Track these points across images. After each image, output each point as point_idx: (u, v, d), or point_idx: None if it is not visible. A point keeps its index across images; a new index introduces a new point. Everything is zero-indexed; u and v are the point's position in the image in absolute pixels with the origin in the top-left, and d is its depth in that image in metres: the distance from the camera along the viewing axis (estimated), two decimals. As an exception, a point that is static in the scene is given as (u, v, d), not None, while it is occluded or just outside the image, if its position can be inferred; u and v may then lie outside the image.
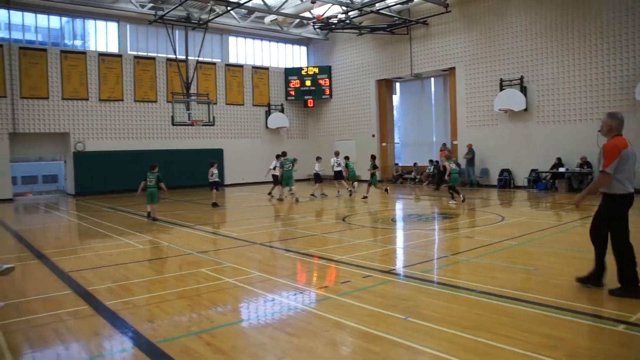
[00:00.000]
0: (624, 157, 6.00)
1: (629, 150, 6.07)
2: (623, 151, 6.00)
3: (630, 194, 6.11)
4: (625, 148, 6.04)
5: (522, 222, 12.39)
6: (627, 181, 6.07)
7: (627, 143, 6.11)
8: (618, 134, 6.19)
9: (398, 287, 6.80)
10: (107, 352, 4.77)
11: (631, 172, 6.11)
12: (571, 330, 4.96)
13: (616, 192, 6.08)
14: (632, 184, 6.12)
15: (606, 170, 6.00)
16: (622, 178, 6.04)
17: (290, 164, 19.47)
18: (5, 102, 22.66)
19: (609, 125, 6.24)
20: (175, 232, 12.43)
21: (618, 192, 6.07)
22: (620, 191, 6.06)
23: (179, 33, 25.76)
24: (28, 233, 13.04)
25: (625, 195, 6.08)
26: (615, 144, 6.05)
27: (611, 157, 5.99)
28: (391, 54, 27.37)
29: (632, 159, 6.12)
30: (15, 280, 7.46)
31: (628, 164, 6.05)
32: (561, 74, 20.42)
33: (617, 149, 6.01)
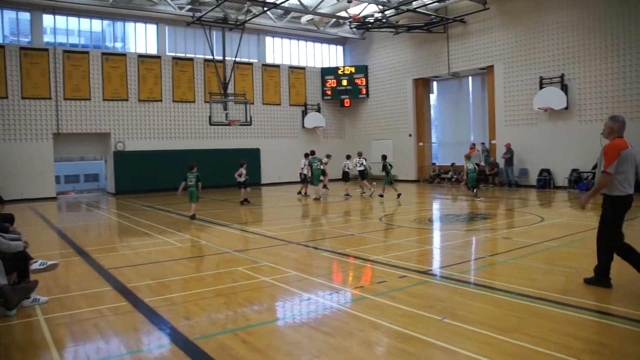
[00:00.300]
0: (623, 158, 6.10)
1: (628, 152, 6.16)
2: (623, 152, 6.11)
3: (629, 195, 6.21)
4: (625, 149, 6.14)
5: (563, 223, 12.11)
6: (626, 183, 6.17)
7: (628, 145, 6.21)
8: (619, 136, 6.30)
9: (434, 287, 6.73)
10: (146, 348, 4.85)
11: (631, 174, 6.20)
12: (616, 335, 4.81)
13: (615, 194, 6.19)
14: (632, 186, 6.23)
15: (607, 170, 6.11)
16: (621, 179, 6.15)
17: (318, 162, 19.57)
18: (50, 104, 23.35)
19: (610, 128, 6.37)
20: (213, 230, 12.57)
21: (617, 194, 6.18)
22: (619, 193, 6.17)
23: (216, 34, 26.07)
24: (70, 230, 13.38)
25: (625, 197, 6.19)
26: (615, 146, 6.17)
27: (611, 158, 6.10)
28: (428, 53, 27.12)
29: (632, 161, 6.19)
30: (58, 276, 7.67)
31: (627, 165, 6.15)
32: (604, 71, 19.88)
33: (617, 150, 6.12)
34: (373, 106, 30.89)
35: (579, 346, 4.49)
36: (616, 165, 6.10)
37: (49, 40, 23.94)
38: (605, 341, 4.62)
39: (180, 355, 4.63)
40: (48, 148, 23.42)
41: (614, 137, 6.33)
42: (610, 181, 6.15)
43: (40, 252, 9.41)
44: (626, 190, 6.18)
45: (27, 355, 4.74)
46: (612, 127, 6.35)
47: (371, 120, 31.03)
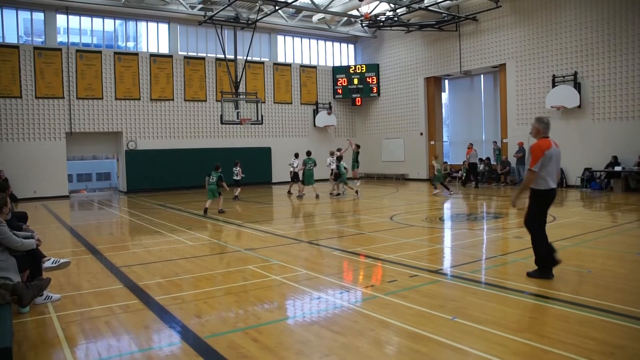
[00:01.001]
0: (547, 156, 6.70)
1: (552, 151, 6.77)
2: (547, 151, 6.71)
3: (553, 189, 6.84)
4: (549, 149, 6.75)
5: (575, 222, 12.00)
6: (549, 178, 6.77)
7: (552, 144, 6.83)
8: (545, 136, 6.92)
9: (445, 287, 6.70)
10: (156, 346, 4.87)
11: (554, 170, 6.84)
12: (630, 337, 4.74)
13: (540, 188, 6.78)
14: (555, 181, 6.86)
15: (532, 168, 6.69)
16: (545, 175, 6.74)
17: (312, 163, 19.75)
18: (63, 103, 23.54)
19: (536, 129, 7.00)
20: (224, 229, 12.61)
21: (542, 188, 6.77)
22: (543, 187, 6.77)
23: (227, 33, 26.15)
24: (82, 229, 13.48)
25: (549, 190, 6.80)
26: (540, 145, 6.78)
27: (537, 157, 6.69)
28: (440, 51, 27.01)
29: (555, 159, 6.85)
30: (70, 274, 7.73)
31: (551, 163, 6.76)
32: (618, 69, 19.69)
33: (541, 149, 6.71)
34: (384, 105, 30.82)
35: (592, 347, 4.44)
36: (541, 162, 6.67)
37: (62, 40, 24.14)
38: (619, 342, 4.56)
39: (190, 353, 4.64)
40: (61, 147, 23.62)
41: (540, 137, 6.93)
42: (536, 178, 6.72)
43: (52, 250, 9.49)
44: (549, 185, 6.77)
45: (40, 352, 4.77)
46: (539, 128, 6.96)
47: (382, 119, 30.97)
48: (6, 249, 5.77)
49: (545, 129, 6.96)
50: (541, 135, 6.96)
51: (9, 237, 5.76)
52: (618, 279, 6.74)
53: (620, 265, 7.62)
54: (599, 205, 15.91)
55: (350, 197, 19.31)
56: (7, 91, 22.29)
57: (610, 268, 7.37)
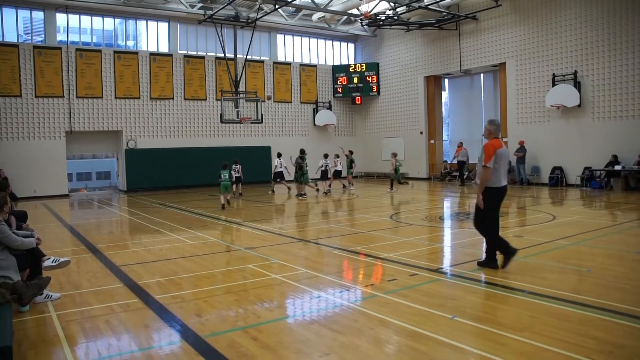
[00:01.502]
0: (498, 155, 7.21)
1: (502, 151, 7.30)
2: (498, 150, 7.22)
3: (504, 186, 7.38)
4: (500, 148, 7.26)
5: (575, 221, 12.00)
6: (500, 176, 7.29)
7: (502, 144, 7.37)
8: (496, 137, 7.46)
9: (445, 286, 6.70)
10: (156, 344, 4.87)
11: (504, 169, 7.38)
12: (631, 336, 4.74)
13: (493, 185, 7.26)
14: (505, 179, 7.42)
15: (487, 165, 7.20)
16: (497, 174, 7.26)
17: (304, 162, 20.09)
18: (63, 102, 23.53)
19: (488, 130, 7.54)
20: (223, 228, 12.61)
21: (494, 185, 7.26)
22: (495, 184, 7.26)
23: (227, 32, 26.16)
24: (82, 228, 13.48)
25: (500, 187, 7.32)
26: (493, 144, 7.27)
27: (490, 155, 7.19)
28: (440, 50, 27.01)
29: (505, 158, 7.38)
30: (70, 273, 7.73)
31: (502, 161, 7.29)
32: (618, 67, 19.69)
33: (493, 148, 7.21)
34: (384, 104, 30.82)
35: (592, 346, 4.44)
36: (494, 160, 7.18)
37: (62, 39, 24.12)
38: (619, 341, 4.57)
39: (190, 352, 4.64)
40: (61, 146, 23.61)
41: (492, 138, 7.44)
42: (491, 174, 7.22)
43: (52, 249, 9.49)
44: (501, 182, 7.31)
45: (40, 351, 4.78)
46: (490, 129, 7.50)
47: (382, 117, 30.96)
48: (6, 248, 5.76)
49: (497, 130, 7.53)
50: (493, 136, 7.48)
51: (9, 235, 5.76)
52: (618, 278, 6.74)
53: (620, 264, 7.63)
54: (598, 204, 15.91)
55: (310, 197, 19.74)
56: (7, 90, 22.28)
57: (610, 267, 7.37)
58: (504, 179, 7.37)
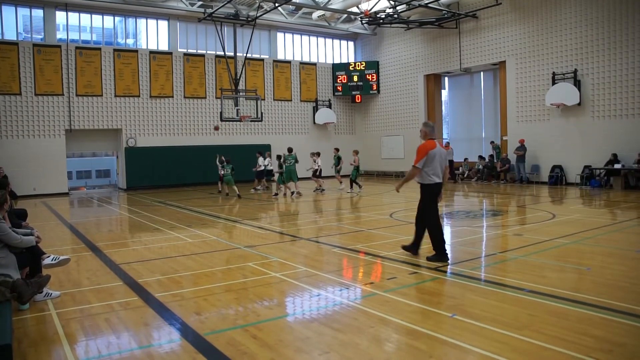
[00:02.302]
0: (430, 156, 7.75)
1: (435, 151, 7.79)
2: (430, 151, 7.75)
3: (437, 183, 7.88)
4: (433, 149, 7.77)
5: (574, 220, 12.00)
6: (434, 174, 7.82)
7: (436, 145, 7.86)
8: (430, 138, 7.96)
9: (445, 284, 6.70)
10: (156, 343, 4.87)
11: (437, 168, 7.83)
12: (630, 334, 4.73)
13: (426, 183, 7.88)
14: (439, 177, 7.89)
15: (416, 165, 7.82)
16: (429, 172, 7.80)
17: (293, 160, 19.94)
18: (63, 100, 23.52)
19: (424, 132, 8.08)
20: (223, 226, 12.61)
21: (428, 183, 7.86)
22: (428, 182, 7.85)
23: (227, 30, 26.17)
24: (82, 226, 13.48)
25: (434, 184, 7.87)
26: (425, 146, 7.82)
27: (421, 156, 7.77)
28: (440, 48, 26.99)
29: (439, 158, 7.85)
30: (70, 271, 7.73)
31: (435, 161, 7.78)
32: (618, 66, 19.68)
33: (425, 149, 7.76)
34: (384, 102, 30.81)
35: (591, 344, 4.44)
36: (424, 161, 7.75)
37: (61, 37, 24.10)
38: (618, 340, 4.57)
39: (190, 350, 4.64)
40: (60, 144, 23.60)
41: (427, 139, 7.95)
42: (418, 173, 7.85)
43: (52, 247, 9.49)
44: (434, 180, 7.83)
45: (40, 349, 4.78)
46: (426, 131, 8.05)
47: (382, 116, 30.96)
48: (6, 246, 5.77)
49: (431, 132, 8.04)
50: (428, 137, 7.99)
51: (9, 234, 5.76)
52: (618, 276, 6.74)
53: (619, 262, 7.63)
54: (598, 203, 15.92)
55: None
56: (7, 88, 22.26)
57: (610, 265, 7.37)
58: (438, 177, 7.88)
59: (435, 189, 7.90)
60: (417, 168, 7.79)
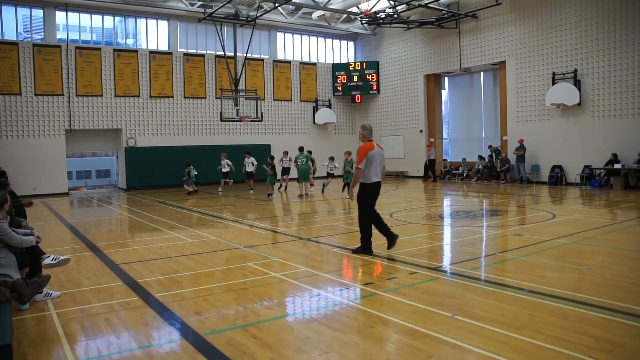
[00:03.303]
0: (369, 157, 8.23)
1: (374, 152, 8.28)
2: (369, 153, 8.24)
3: (376, 182, 8.37)
4: (372, 150, 8.26)
5: (574, 220, 12.01)
6: (373, 174, 8.31)
7: (374, 146, 8.34)
8: (369, 140, 8.46)
9: (445, 284, 6.70)
10: (156, 343, 4.87)
11: (376, 168, 8.34)
12: (630, 334, 4.73)
13: (365, 182, 8.33)
14: (377, 176, 8.40)
15: (359, 166, 8.21)
16: (369, 172, 8.28)
17: (304, 159, 19.74)
18: (63, 100, 23.53)
19: (362, 135, 8.55)
20: (223, 226, 12.61)
21: (366, 182, 8.32)
22: (368, 181, 8.31)
23: (227, 30, 26.17)
24: (82, 226, 13.48)
25: (373, 183, 8.34)
26: (364, 148, 8.28)
27: (361, 157, 8.21)
28: (440, 48, 26.99)
29: (378, 158, 8.36)
30: (70, 271, 7.73)
31: (374, 162, 8.29)
32: (618, 66, 19.68)
33: (365, 151, 8.23)
34: (384, 102, 30.81)
35: (591, 344, 4.44)
36: (365, 161, 8.16)
37: (61, 37, 24.10)
38: (618, 340, 4.56)
39: (190, 350, 4.64)
40: (60, 144, 23.60)
41: (366, 141, 8.40)
42: (362, 174, 8.25)
43: (52, 247, 9.50)
44: (372, 179, 8.29)
45: (40, 349, 4.78)
46: (364, 133, 8.50)
47: (382, 116, 30.96)
48: (6, 246, 5.77)
49: (369, 134, 8.50)
50: (366, 139, 8.45)
51: (9, 234, 5.76)
52: (617, 276, 6.74)
53: (619, 262, 7.62)
54: (598, 203, 15.92)
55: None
56: (7, 88, 22.27)
57: (610, 265, 7.37)
58: (377, 176, 8.35)
59: (374, 188, 8.40)
60: (361, 169, 8.23)
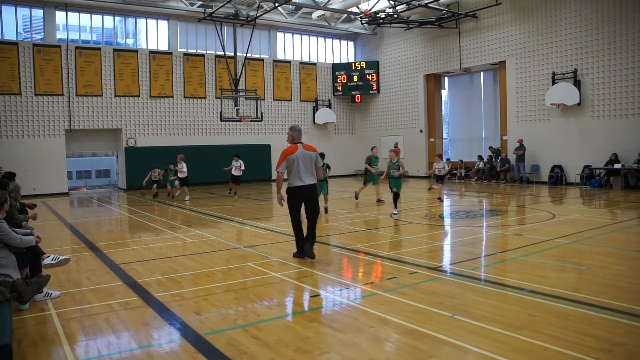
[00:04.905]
0: (289, 160, 7.94)
1: (294, 156, 7.94)
2: (289, 156, 7.93)
3: (299, 186, 7.99)
4: (292, 153, 7.94)
5: (574, 219, 12.01)
6: (295, 178, 7.98)
7: (297, 149, 7.99)
8: (295, 142, 8.12)
9: (445, 284, 6.70)
10: (156, 343, 4.87)
11: (300, 171, 7.95)
12: (630, 334, 4.73)
13: (290, 185, 8.07)
14: (301, 180, 7.98)
15: (277, 169, 8.03)
16: (291, 175, 7.99)
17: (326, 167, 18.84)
18: (63, 100, 23.53)
19: (290, 136, 8.25)
20: (223, 226, 12.61)
21: (291, 185, 8.06)
22: (292, 184, 8.03)
23: (227, 30, 26.16)
24: (82, 226, 13.48)
25: (294, 187, 8.02)
26: (286, 151, 8.01)
27: (280, 160, 7.99)
28: (440, 48, 26.99)
29: (302, 161, 7.97)
30: (70, 271, 7.73)
31: (295, 165, 7.93)
32: (618, 66, 19.68)
33: (285, 154, 7.97)
34: (384, 102, 30.81)
35: (591, 344, 4.44)
36: (285, 165, 7.93)
37: (61, 37, 24.10)
38: (618, 340, 4.56)
39: (190, 350, 4.64)
40: (60, 144, 23.61)
41: (292, 143, 8.12)
42: (281, 177, 8.06)
43: (52, 247, 9.50)
44: (296, 183, 7.98)
45: (39, 349, 4.78)
46: (292, 135, 8.21)
47: (382, 116, 30.96)
48: (6, 246, 5.76)
49: (297, 135, 8.20)
50: (295, 141, 8.16)
51: (9, 233, 5.76)
52: (617, 276, 6.74)
53: (619, 262, 7.62)
54: (598, 203, 15.92)
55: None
56: (7, 88, 22.27)
57: (610, 265, 7.37)
58: (300, 180, 7.97)
59: (298, 193, 8.05)
60: (279, 172, 8.04)
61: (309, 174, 8.07)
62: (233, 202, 18.39)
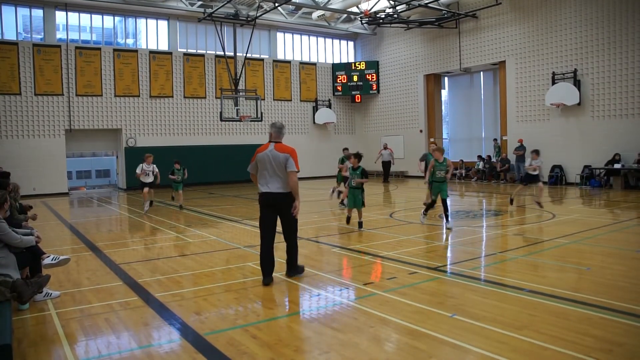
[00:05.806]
0: (259, 160, 6.71)
1: (262, 155, 6.68)
2: (258, 155, 6.72)
3: (262, 193, 6.74)
4: (260, 153, 6.71)
5: (574, 219, 12.00)
6: (261, 181, 6.77)
7: (267, 147, 6.71)
8: (271, 141, 6.83)
9: (445, 284, 6.70)
10: (156, 343, 4.87)
11: (265, 175, 6.69)
12: (630, 334, 4.73)
13: (259, 191, 6.84)
14: (267, 186, 6.68)
15: (248, 169, 6.93)
16: (259, 178, 6.81)
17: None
18: (62, 100, 23.53)
19: (269, 134, 6.93)
20: (223, 226, 12.61)
21: (259, 191, 6.84)
22: (259, 190, 6.81)
23: (227, 30, 26.15)
24: (82, 226, 13.48)
25: (261, 194, 6.79)
26: (257, 149, 6.81)
27: (252, 160, 6.84)
28: (440, 48, 26.99)
29: (269, 163, 6.62)
30: (70, 271, 7.73)
31: (262, 167, 6.70)
32: (618, 66, 19.68)
33: (256, 152, 6.79)
34: (384, 102, 30.81)
35: (591, 344, 4.44)
36: (255, 165, 6.79)
37: (61, 37, 24.10)
38: (618, 339, 4.56)
39: (190, 350, 4.64)
40: (60, 144, 23.60)
41: (269, 141, 6.84)
42: (255, 179, 6.92)
43: (52, 247, 9.49)
44: (262, 188, 6.74)
45: (39, 349, 4.78)
46: (271, 132, 6.91)
47: (382, 116, 30.96)
48: (6, 246, 5.76)
49: (276, 134, 6.91)
50: (270, 139, 6.94)
51: (9, 233, 5.76)
52: (617, 276, 6.74)
53: (619, 262, 7.62)
54: (598, 203, 15.92)
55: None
56: (6, 88, 22.26)
57: (610, 265, 7.37)
58: (263, 185, 6.74)
59: (263, 199, 6.83)
60: (251, 173, 7.01)
61: (275, 180, 6.68)
62: (233, 202, 18.38)
